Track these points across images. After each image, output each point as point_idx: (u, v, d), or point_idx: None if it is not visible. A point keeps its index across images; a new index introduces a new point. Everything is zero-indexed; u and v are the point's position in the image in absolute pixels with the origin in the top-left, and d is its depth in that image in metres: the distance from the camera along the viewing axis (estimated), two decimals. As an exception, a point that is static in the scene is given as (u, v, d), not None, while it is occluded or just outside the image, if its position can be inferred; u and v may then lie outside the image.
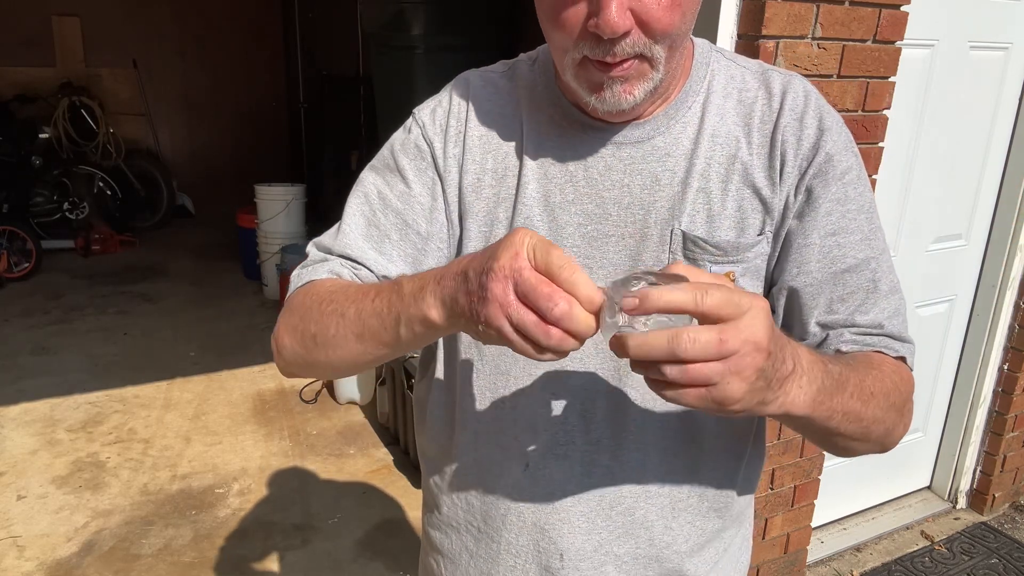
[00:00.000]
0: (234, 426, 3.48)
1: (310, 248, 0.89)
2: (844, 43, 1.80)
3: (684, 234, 0.79)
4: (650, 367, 0.56)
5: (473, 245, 0.84)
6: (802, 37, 1.75)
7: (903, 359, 0.81)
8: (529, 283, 0.57)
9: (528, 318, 0.57)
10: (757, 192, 0.80)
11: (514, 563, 0.88)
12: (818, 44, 1.77)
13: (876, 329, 0.80)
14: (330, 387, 3.78)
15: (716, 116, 0.81)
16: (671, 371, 0.55)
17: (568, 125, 0.83)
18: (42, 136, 6.15)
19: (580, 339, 0.58)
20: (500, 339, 0.59)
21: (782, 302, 0.82)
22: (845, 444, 0.76)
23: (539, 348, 0.58)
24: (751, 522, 0.99)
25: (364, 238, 0.85)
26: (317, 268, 0.84)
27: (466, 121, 0.86)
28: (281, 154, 7.83)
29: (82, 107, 6.49)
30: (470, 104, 0.87)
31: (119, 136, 6.68)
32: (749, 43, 1.73)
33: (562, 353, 0.58)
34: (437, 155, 0.86)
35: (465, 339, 0.87)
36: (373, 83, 3.95)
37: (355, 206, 0.87)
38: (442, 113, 0.87)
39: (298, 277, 0.85)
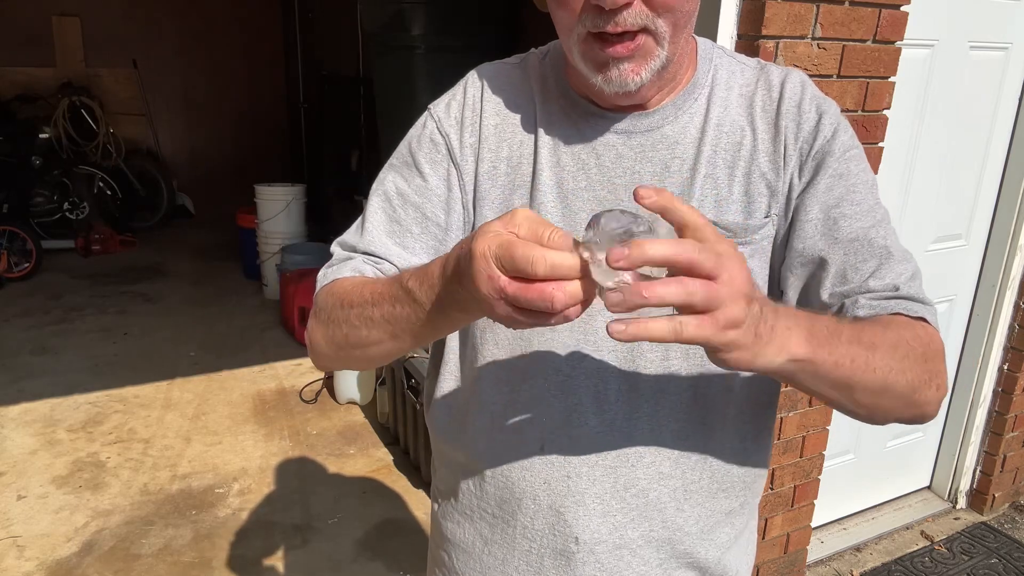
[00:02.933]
0: (234, 426, 3.48)
1: (334, 248, 0.92)
2: (844, 43, 1.80)
3: None
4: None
5: None
6: (802, 37, 1.75)
7: (923, 320, 0.78)
8: (517, 296, 0.57)
9: (535, 322, 0.58)
10: (763, 176, 0.83)
11: (530, 547, 0.89)
12: (818, 44, 1.77)
13: (892, 292, 0.79)
14: (330, 387, 3.78)
15: (720, 107, 0.85)
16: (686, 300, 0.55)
17: (578, 116, 0.86)
18: (42, 136, 6.14)
19: (581, 303, 0.57)
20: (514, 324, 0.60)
21: (792, 281, 0.84)
22: (871, 401, 0.73)
23: (548, 316, 0.58)
24: (756, 515, 1.00)
25: (387, 234, 0.88)
26: (341, 267, 0.87)
27: (481, 111, 0.89)
28: (281, 154, 7.82)
29: (82, 107, 6.48)
30: (484, 94, 0.90)
31: (119, 136, 6.68)
32: (749, 43, 1.73)
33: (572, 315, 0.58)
34: (453, 146, 0.88)
35: (478, 324, 0.89)
36: (373, 83, 3.95)
37: (376, 204, 0.90)
38: (457, 106, 0.90)
39: (324, 276, 0.88)
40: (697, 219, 0.57)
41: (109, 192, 6.49)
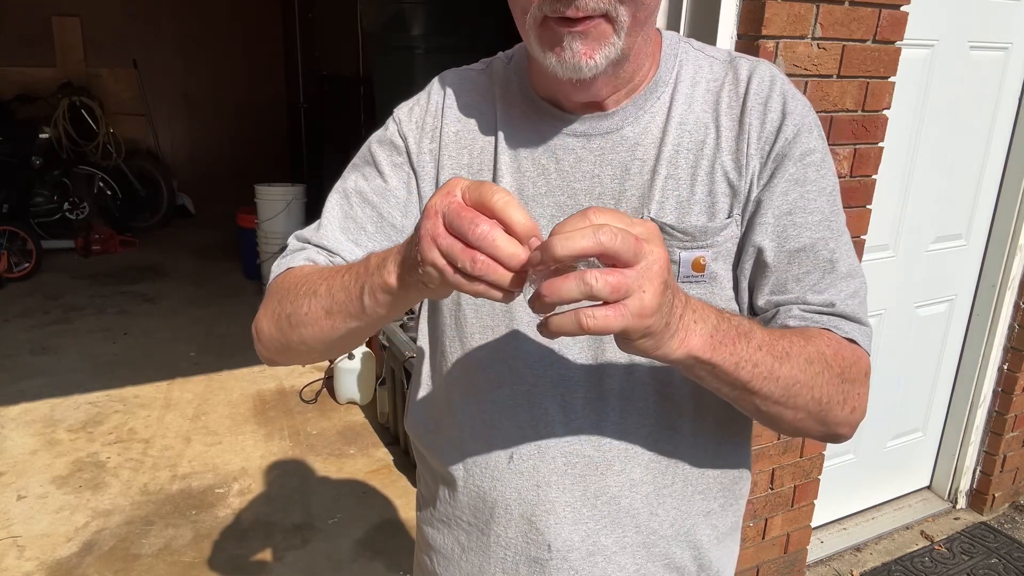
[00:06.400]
0: (234, 426, 3.48)
1: (290, 239, 0.93)
2: (844, 43, 1.80)
3: (653, 221, 0.79)
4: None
5: None
6: (802, 37, 1.75)
7: (853, 341, 0.78)
8: (454, 211, 0.58)
9: (455, 245, 0.58)
10: (725, 176, 0.81)
11: (504, 555, 0.89)
12: (818, 44, 1.77)
13: (827, 308, 0.79)
14: (330, 387, 3.78)
15: (684, 104, 0.82)
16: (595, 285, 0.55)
17: (540, 119, 0.85)
18: (42, 136, 6.14)
19: (507, 267, 0.57)
20: (439, 278, 0.59)
21: (740, 282, 0.83)
22: (773, 410, 0.73)
23: (470, 278, 0.58)
24: (740, 513, 0.99)
25: (341, 230, 0.89)
26: (295, 256, 0.88)
27: (442, 118, 0.89)
28: (281, 154, 7.83)
29: (82, 107, 6.48)
30: (446, 101, 0.90)
31: (119, 136, 6.67)
32: (749, 43, 1.73)
33: (496, 286, 0.57)
34: (412, 150, 0.89)
35: (447, 332, 0.89)
36: (373, 83, 3.96)
37: (334, 200, 0.92)
38: (419, 111, 0.90)
39: (277, 266, 0.89)
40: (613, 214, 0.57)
41: (109, 192, 6.49)
